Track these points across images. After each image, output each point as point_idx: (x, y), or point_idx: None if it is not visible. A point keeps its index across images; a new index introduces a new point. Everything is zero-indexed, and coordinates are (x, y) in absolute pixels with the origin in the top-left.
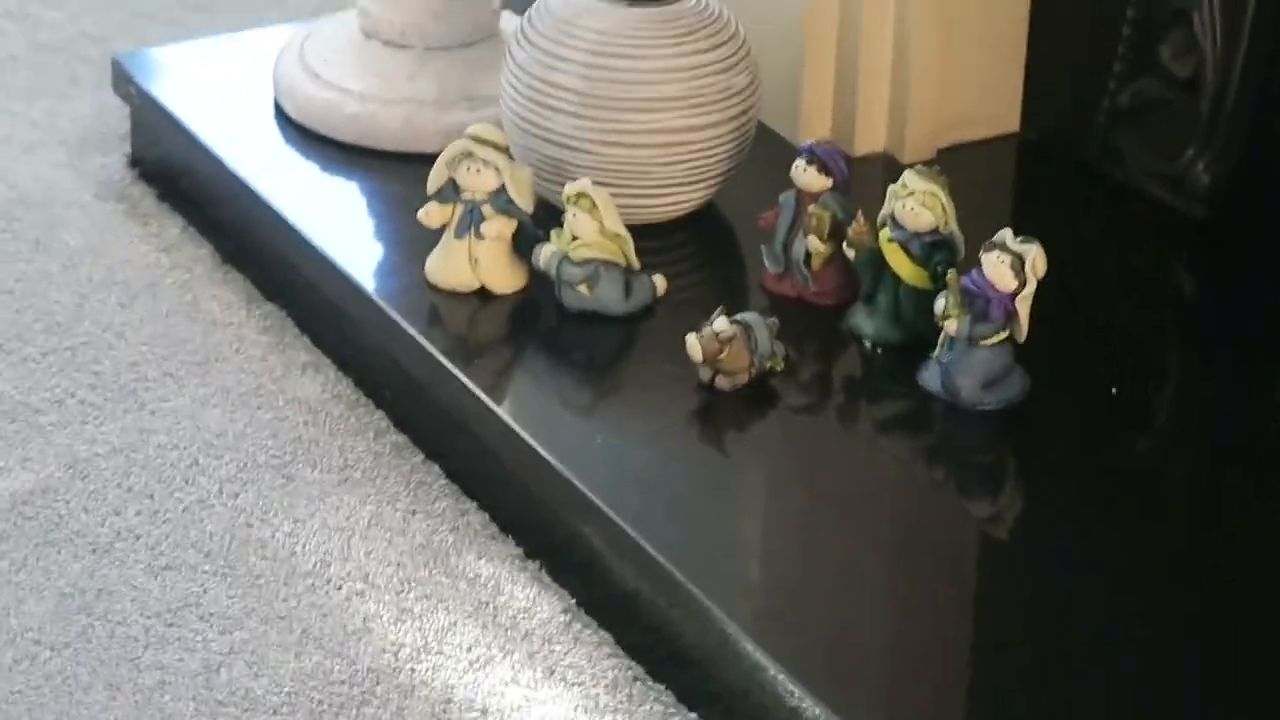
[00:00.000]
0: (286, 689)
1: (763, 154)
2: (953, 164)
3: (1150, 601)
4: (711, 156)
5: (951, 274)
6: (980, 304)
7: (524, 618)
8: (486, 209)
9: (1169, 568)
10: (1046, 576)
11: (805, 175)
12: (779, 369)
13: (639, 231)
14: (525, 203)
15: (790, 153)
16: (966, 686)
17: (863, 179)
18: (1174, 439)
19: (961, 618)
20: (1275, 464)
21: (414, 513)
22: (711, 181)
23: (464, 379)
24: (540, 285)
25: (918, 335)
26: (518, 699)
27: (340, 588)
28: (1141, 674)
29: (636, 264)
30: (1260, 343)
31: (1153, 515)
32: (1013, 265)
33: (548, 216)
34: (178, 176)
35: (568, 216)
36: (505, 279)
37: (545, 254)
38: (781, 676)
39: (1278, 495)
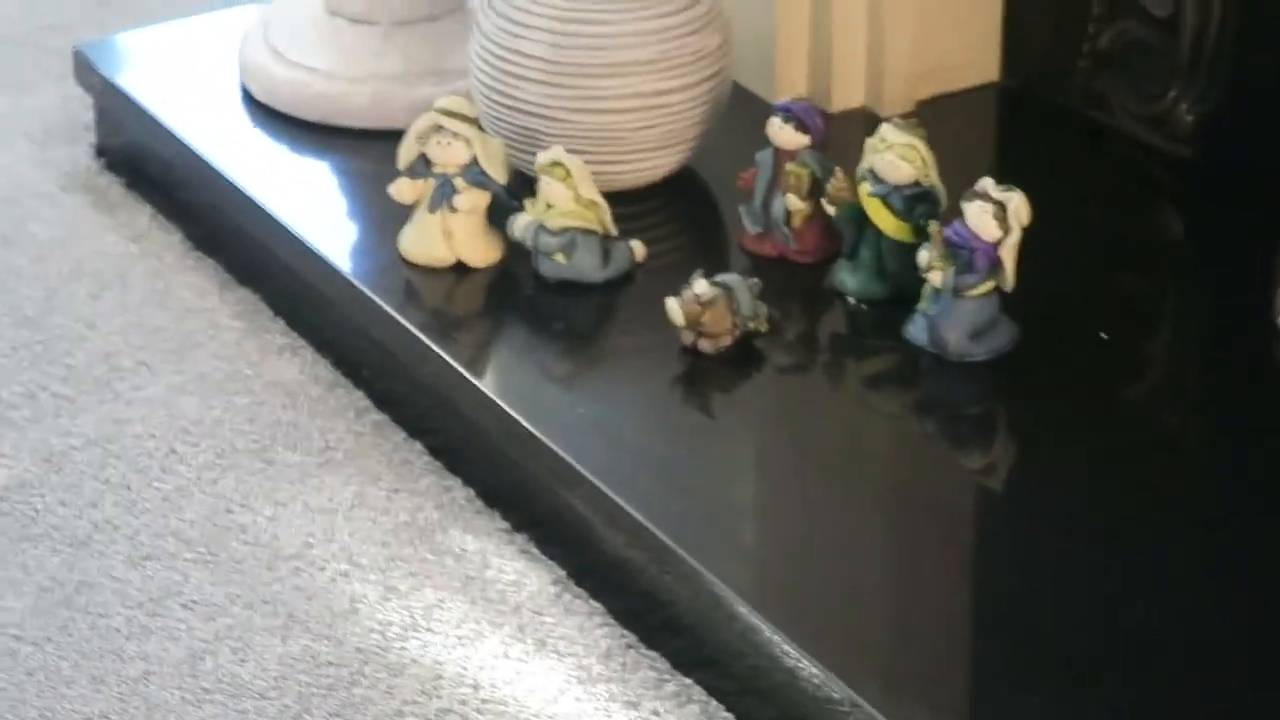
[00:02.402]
0: (273, 673)
1: (738, 114)
2: (932, 115)
3: (1149, 553)
4: (685, 119)
5: (934, 226)
6: (964, 255)
7: (513, 591)
8: (459, 182)
9: (1168, 518)
10: (1043, 529)
11: (782, 133)
12: (762, 330)
13: (614, 198)
14: (498, 174)
15: (766, 111)
16: (964, 643)
17: (841, 134)
18: (1165, 385)
19: (958, 574)
20: (1267, 406)
21: (397, 491)
22: (686, 144)
23: (443, 354)
24: (517, 256)
25: (902, 289)
26: (509, 673)
27: (325, 569)
28: (1142, 628)
29: (613, 231)
30: (1248, 281)
31: (1149, 463)
32: (995, 214)
33: (521, 187)
34: (145, 164)
35: (541, 186)
36: (481, 252)
37: (520, 224)
38: (777, 638)
39: (1273, 436)
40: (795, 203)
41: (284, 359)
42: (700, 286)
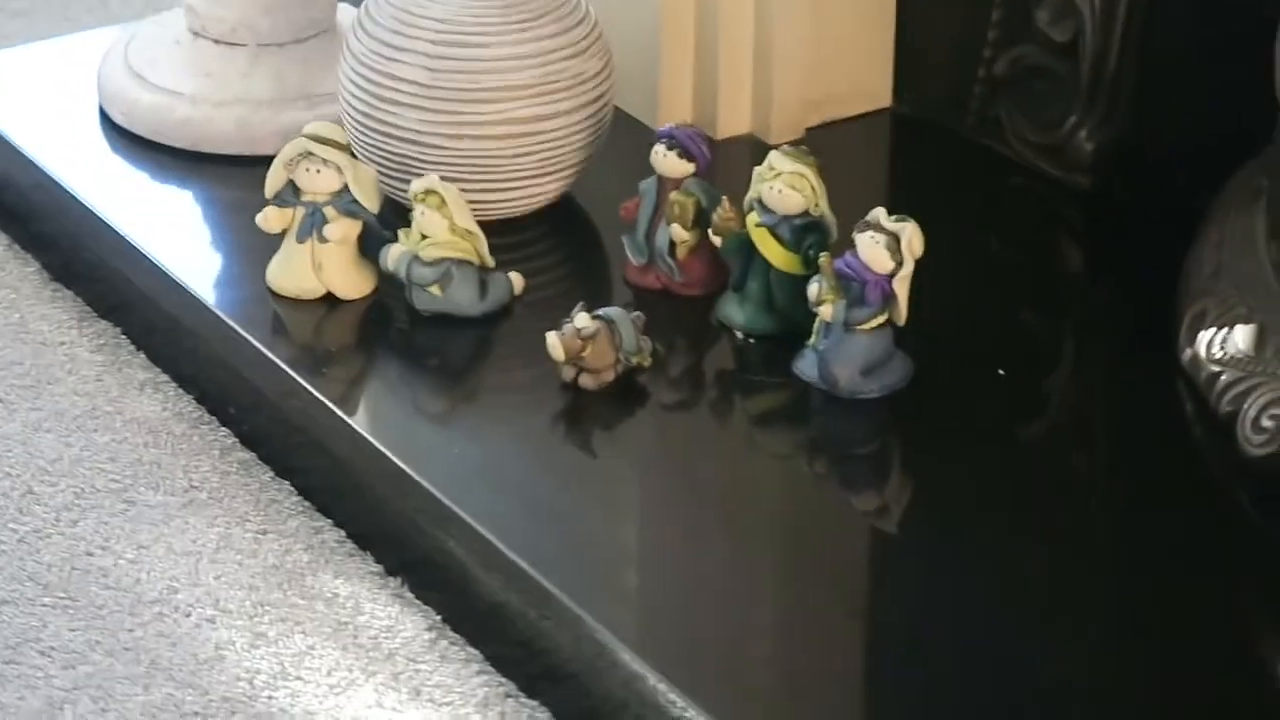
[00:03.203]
0: None
1: (620, 141)
2: (822, 143)
3: (1047, 599)
4: (565, 146)
5: (824, 257)
6: (856, 287)
7: (386, 637)
8: (329, 211)
9: (1068, 562)
10: (938, 574)
11: (665, 161)
12: (646, 365)
13: (492, 228)
14: (370, 202)
15: (650, 138)
16: (856, 693)
17: (727, 163)
18: (1065, 422)
19: (849, 620)
20: (1172, 445)
21: (265, 533)
22: (567, 172)
23: (312, 390)
24: (389, 289)
25: (792, 323)
26: None
27: (189, 615)
28: (1041, 676)
29: (491, 262)
30: (1150, 315)
31: (1049, 505)
32: (888, 245)
33: (394, 216)
34: None
35: (415, 215)
36: (352, 283)
37: (394, 255)
38: (662, 686)
39: (1177, 477)
40: (680, 233)
41: (146, 395)
42: (581, 320)
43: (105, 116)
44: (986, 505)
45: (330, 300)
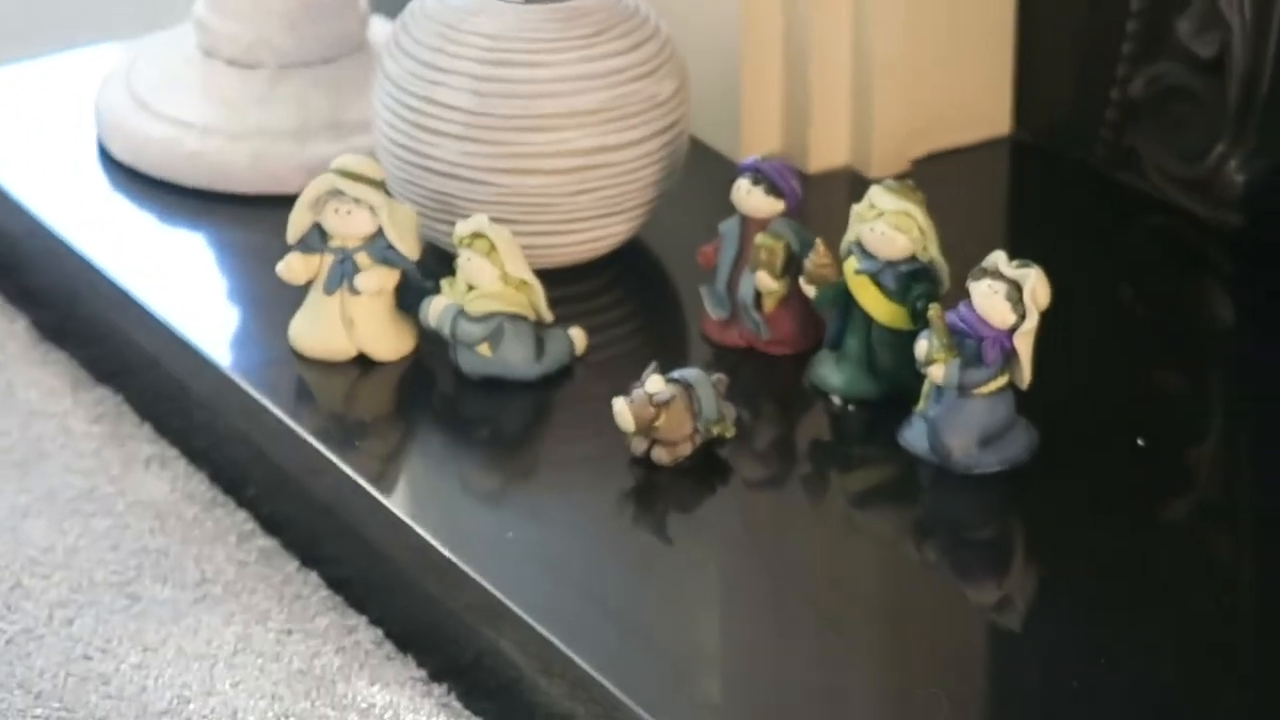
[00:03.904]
0: None
1: (697, 176)
2: (931, 176)
3: (1194, 707)
4: (634, 181)
5: (934, 309)
6: (971, 345)
7: None
8: (361, 258)
9: (1218, 663)
10: (1067, 677)
11: (750, 198)
12: (728, 435)
13: (550, 276)
14: (408, 248)
15: (731, 172)
16: None
17: (822, 200)
18: (1213, 501)
19: None
20: None
21: (290, 632)
22: (635, 212)
23: (344, 467)
24: (432, 348)
25: (897, 386)
26: None
27: None
28: None
29: (548, 316)
30: None
31: (1188, 598)
32: (1008, 295)
33: (437, 264)
34: None
35: (461, 262)
36: (388, 342)
37: (436, 309)
38: None
39: None
40: (767, 282)
41: (151, 472)
42: (654, 384)
43: (104, 150)
44: (1122, 598)
45: (363, 362)
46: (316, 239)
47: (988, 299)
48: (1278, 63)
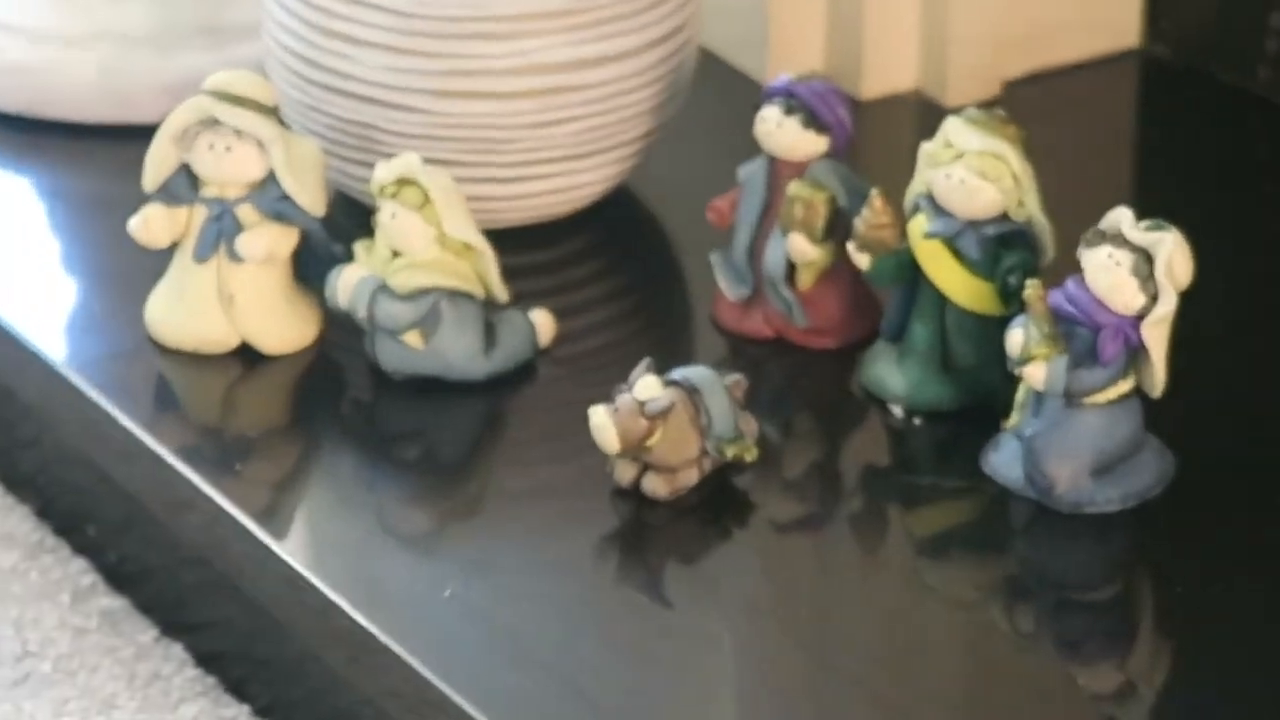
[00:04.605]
0: None
1: (709, 102)
2: (1031, 106)
3: None
4: (621, 109)
5: (1033, 287)
6: (1084, 336)
7: None
8: (245, 212)
9: None
10: None
11: (781, 133)
12: (749, 459)
13: (505, 239)
14: (310, 199)
15: (755, 98)
16: None
17: (879, 136)
18: None
19: None
20: None
21: None
22: (623, 151)
23: (220, 500)
24: (342, 337)
25: (980, 392)
26: None
27: None
28: None
29: (503, 294)
30: None
31: None
32: (1135, 269)
33: (350, 221)
34: None
35: (382, 219)
36: (281, 329)
37: (348, 283)
38: None
39: None
40: (804, 248)
41: None
42: (647, 388)
43: None
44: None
45: (248, 355)
46: (184, 186)
47: (1108, 273)
48: None
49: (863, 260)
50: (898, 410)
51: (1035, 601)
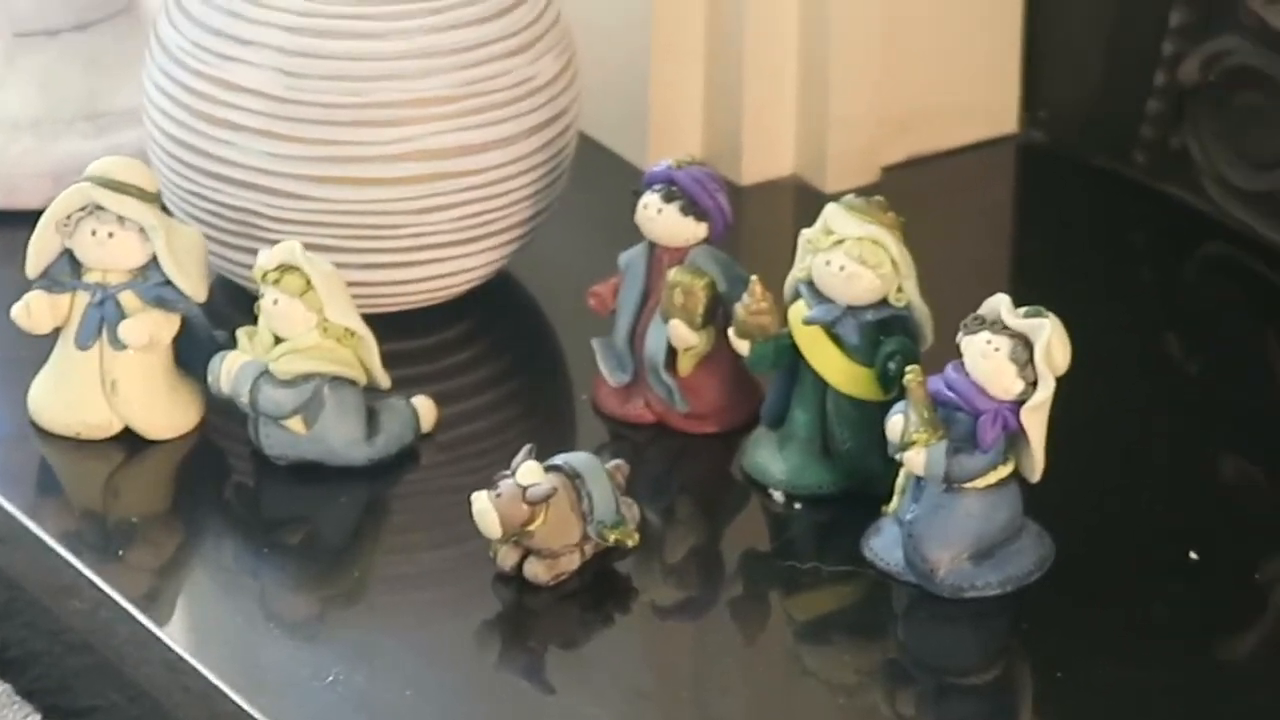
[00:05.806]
0: None
1: (590, 189)
2: (909, 190)
3: None
4: (503, 196)
5: (913, 373)
6: (963, 421)
7: None
8: (127, 299)
9: None
10: None
11: (661, 220)
12: (631, 544)
13: (387, 325)
14: (192, 285)
15: (635, 181)
16: None
17: (759, 222)
18: None
19: None
20: None
21: None
22: (504, 237)
23: (102, 584)
24: (224, 423)
25: (860, 477)
26: None
27: None
28: None
29: (385, 380)
30: None
31: None
32: (1014, 355)
33: (232, 308)
34: None
35: (264, 305)
36: (163, 414)
37: (230, 370)
38: None
39: None
40: (684, 334)
41: None
42: (529, 474)
43: None
44: None
45: (131, 440)
46: (66, 272)
47: (987, 359)
48: None
49: (743, 346)
50: (778, 495)
51: (916, 686)
